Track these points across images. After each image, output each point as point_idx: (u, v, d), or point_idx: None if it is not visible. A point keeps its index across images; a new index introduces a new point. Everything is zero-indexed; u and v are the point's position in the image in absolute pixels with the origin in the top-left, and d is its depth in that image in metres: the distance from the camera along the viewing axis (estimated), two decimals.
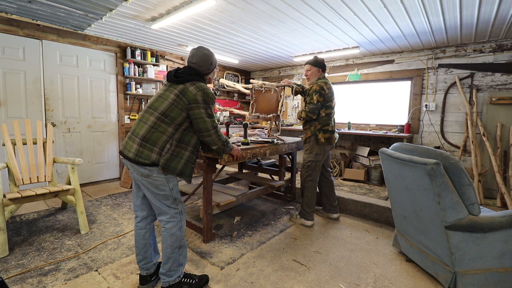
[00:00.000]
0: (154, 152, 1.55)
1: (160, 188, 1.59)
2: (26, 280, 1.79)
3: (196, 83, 1.65)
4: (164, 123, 1.58)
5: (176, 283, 1.67)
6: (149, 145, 1.55)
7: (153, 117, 1.59)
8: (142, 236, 1.73)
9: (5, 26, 3.19)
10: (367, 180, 4.15)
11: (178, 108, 1.59)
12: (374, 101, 4.79)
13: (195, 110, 1.61)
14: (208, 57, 1.73)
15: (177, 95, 1.60)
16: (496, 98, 3.43)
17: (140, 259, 1.73)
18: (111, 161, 4.33)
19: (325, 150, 2.72)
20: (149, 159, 1.54)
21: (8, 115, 3.30)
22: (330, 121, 2.71)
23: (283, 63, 5.57)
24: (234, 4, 2.72)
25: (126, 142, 1.63)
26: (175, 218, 1.66)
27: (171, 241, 1.64)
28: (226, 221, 2.84)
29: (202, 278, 1.78)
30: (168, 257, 1.65)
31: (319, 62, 2.76)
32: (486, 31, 3.25)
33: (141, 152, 1.55)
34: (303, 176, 2.75)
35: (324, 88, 2.62)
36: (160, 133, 1.57)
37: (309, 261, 2.11)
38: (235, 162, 2.21)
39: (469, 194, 1.64)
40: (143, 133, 1.57)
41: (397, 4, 2.59)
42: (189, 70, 1.69)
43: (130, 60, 4.25)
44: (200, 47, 1.74)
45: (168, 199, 1.63)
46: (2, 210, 2.12)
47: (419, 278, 1.91)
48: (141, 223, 1.75)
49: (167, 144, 1.58)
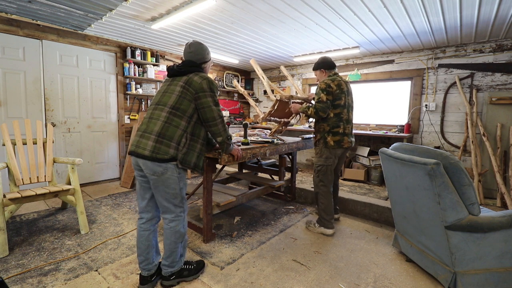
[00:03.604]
0: (172, 147, 1.58)
1: (171, 186, 1.62)
2: (26, 280, 1.79)
3: (199, 73, 1.70)
4: (177, 117, 1.61)
5: (178, 271, 1.78)
6: (166, 140, 1.57)
7: (164, 112, 1.61)
8: (145, 237, 1.73)
9: (5, 26, 3.19)
10: (367, 180, 4.15)
11: (186, 99, 1.63)
12: (374, 101, 4.80)
13: (202, 99, 1.65)
14: (204, 46, 1.81)
15: (183, 87, 1.64)
16: (496, 98, 3.43)
17: (142, 260, 1.73)
18: (111, 161, 4.33)
19: (336, 154, 2.53)
20: (168, 154, 1.56)
21: (8, 115, 3.30)
22: (340, 122, 2.49)
23: (283, 63, 5.57)
24: (234, 4, 2.72)
25: (138, 141, 1.62)
26: (179, 217, 1.72)
27: (175, 238, 1.71)
28: (226, 221, 2.84)
29: (199, 263, 1.92)
30: (171, 251, 1.73)
31: (319, 63, 2.66)
32: (486, 31, 3.25)
33: (158, 148, 1.56)
34: (315, 181, 2.60)
35: (330, 85, 2.44)
36: (174, 127, 1.60)
37: (309, 261, 2.11)
38: (235, 162, 2.21)
39: (469, 194, 1.64)
40: (158, 129, 1.58)
41: (397, 4, 2.59)
42: (189, 62, 1.75)
43: (130, 60, 4.25)
44: (194, 40, 1.83)
45: (176, 197, 1.67)
46: (2, 210, 2.12)
47: (419, 278, 1.91)
48: (146, 224, 1.75)
49: (182, 138, 1.61)
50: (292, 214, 3.10)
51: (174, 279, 1.76)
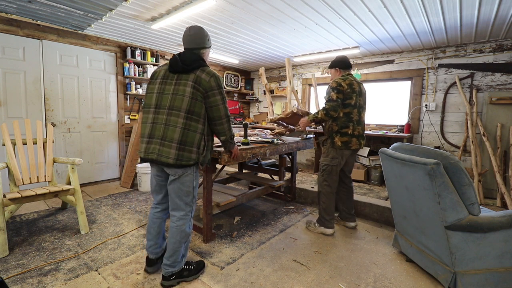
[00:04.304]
0: (193, 153, 1.64)
1: (186, 184, 1.70)
2: (26, 280, 1.79)
3: (205, 69, 1.65)
4: (193, 121, 1.63)
5: (178, 272, 1.79)
6: (188, 147, 1.62)
7: (181, 118, 1.60)
8: (158, 225, 1.87)
9: (5, 26, 3.19)
10: (367, 180, 4.15)
11: (198, 101, 1.62)
12: (374, 101, 4.79)
13: (211, 98, 1.64)
14: (204, 31, 1.74)
15: (193, 87, 1.60)
16: (496, 98, 3.43)
17: (151, 245, 1.88)
18: (111, 161, 4.33)
19: (343, 155, 2.50)
20: (191, 160, 1.63)
21: (8, 115, 3.30)
22: (350, 123, 2.45)
23: (283, 63, 5.57)
24: (234, 4, 2.72)
25: (157, 149, 1.61)
26: (187, 217, 1.77)
27: (180, 237, 1.74)
28: (226, 221, 2.84)
29: (199, 263, 1.94)
30: (174, 250, 1.75)
31: (335, 61, 2.60)
32: (486, 31, 3.25)
33: (181, 155, 1.61)
34: (319, 180, 2.60)
35: (342, 84, 2.39)
36: (193, 132, 1.63)
37: (309, 261, 2.11)
38: (234, 162, 2.21)
39: (469, 194, 1.64)
40: (178, 137, 1.60)
41: (397, 4, 2.59)
42: (191, 56, 1.66)
43: (130, 60, 4.25)
44: (195, 25, 1.78)
45: (189, 195, 1.73)
46: (2, 210, 2.12)
47: (419, 278, 1.91)
48: (160, 213, 1.87)
49: (201, 142, 1.66)
50: (292, 214, 3.10)
51: (174, 279, 1.78)
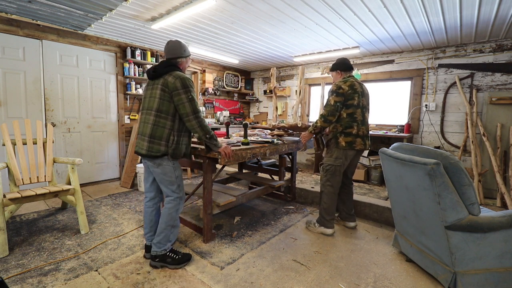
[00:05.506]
0: (162, 145, 1.85)
1: (168, 175, 1.92)
2: (26, 280, 1.79)
3: (173, 73, 1.85)
4: (162, 118, 1.84)
5: (162, 255, 1.95)
6: (156, 140, 1.85)
7: (151, 116, 1.86)
8: (149, 213, 2.08)
9: (5, 26, 3.19)
10: (367, 180, 4.15)
11: (166, 101, 1.83)
12: (374, 101, 4.78)
13: (176, 97, 1.82)
14: (181, 43, 1.96)
15: (161, 89, 1.83)
16: (496, 98, 3.43)
17: (147, 232, 2.08)
18: (111, 161, 4.33)
19: (347, 155, 2.49)
20: (160, 152, 1.85)
21: (8, 115, 3.30)
22: (354, 123, 2.44)
23: (283, 63, 5.57)
24: (234, 4, 2.72)
25: (138, 143, 1.95)
26: (174, 202, 1.97)
27: (167, 219, 1.95)
28: (226, 221, 2.84)
29: (185, 255, 2.03)
30: (161, 231, 1.95)
31: (336, 64, 2.61)
32: (486, 31, 3.25)
33: (151, 147, 1.85)
34: (322, 180, 2.58)
35: (341, 86, 2.41)
36: (162, 128, 1.84)
37: (309, 261, 2.11)
38: (232, 162, 2.21)
39: (469, 194, 1.64)
40: (149, 132, 1.86)
41: (397, 4, 2.59)
42: (164, 63, 1.90)
43: (130, 60, 4.25)
44: (175, 39, 2.04)
45: (173, 184, 1.95)
46: (2, 210, 2.12)
47: (419, 278, 1.91)
48: (149, 202, 2.09)
49: (170, 136, 1.86)
50: (292, 214, 3.10)
51: (158, 262, 1.95)
